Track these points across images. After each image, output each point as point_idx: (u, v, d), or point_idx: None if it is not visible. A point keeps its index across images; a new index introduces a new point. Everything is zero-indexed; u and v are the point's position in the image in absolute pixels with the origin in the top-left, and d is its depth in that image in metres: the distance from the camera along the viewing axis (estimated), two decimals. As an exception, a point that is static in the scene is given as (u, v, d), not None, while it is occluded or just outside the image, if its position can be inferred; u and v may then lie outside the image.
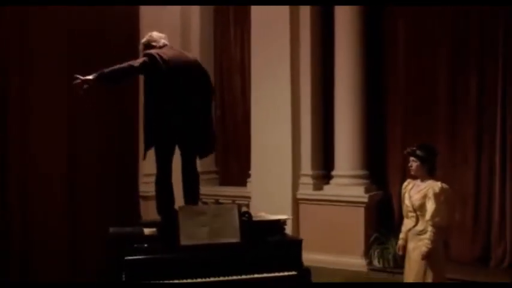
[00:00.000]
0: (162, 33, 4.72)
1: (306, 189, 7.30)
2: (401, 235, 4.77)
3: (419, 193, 4.58)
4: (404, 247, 4.73)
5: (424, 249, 4.45)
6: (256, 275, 4.04)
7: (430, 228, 4.46)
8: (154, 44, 4.50)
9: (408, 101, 7.18)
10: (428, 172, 4.62)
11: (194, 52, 7.93)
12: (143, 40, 4.60)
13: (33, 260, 5.88)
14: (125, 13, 6.98)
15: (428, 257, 4.46)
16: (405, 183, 4.81)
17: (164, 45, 4.51)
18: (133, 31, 6.67)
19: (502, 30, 6.62)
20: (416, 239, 4.57)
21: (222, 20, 8.58)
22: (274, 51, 7.30)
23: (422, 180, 4.64)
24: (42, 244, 5.95)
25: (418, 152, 4.61)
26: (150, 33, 4.61)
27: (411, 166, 4.67)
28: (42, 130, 5.84)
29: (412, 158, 4.64)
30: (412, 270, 4.61)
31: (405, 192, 4.75)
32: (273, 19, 7.33)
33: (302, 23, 7.37)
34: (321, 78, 7.47)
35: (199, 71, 4.55)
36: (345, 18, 7.15)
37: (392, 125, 7.31)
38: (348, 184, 7.06)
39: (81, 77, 4.12)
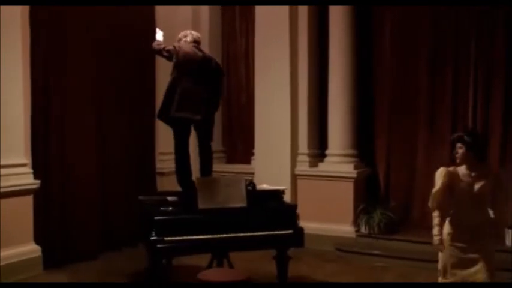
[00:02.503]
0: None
1: (303, 166, 7.64)
2: (436, 231, 4.22)
3: (482, 183, 4.13)
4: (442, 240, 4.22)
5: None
6: (259, 233, 4.68)
7: (503, 216, 4.22)
8: (181, 38, 5.31)
9: (394, 90, 7.55)
10: (479, 159, 4.17)
11: (204, 41, 8.09)
12: (179, 35, 5.40)
13: (70, 228, 6.54)
14: (142, 11, 7.60)
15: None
16: (444, 173, 4.19)
17: (185, 40, 5.25)
18: (150, 26, 7.31)
19: (473, 32, 7.01)
20: (481, 232, 4.14)
21: (229, 14, 8.80)
22: (275, 41, 7.57)
23: (471, 168, 4.16)
24: (78, 213, 6.64)
25: (465, 138, 4.16)
26: (184, 31, 5.42)
27: (457, 153, 4.19)
28: (76, 135, 6.66)
29: (458, 145, 4.18)
30: (483, 268, 4.10)
31: (451, 182, 4.17)
32: (275, 12, 7.57)
33: (300, 16, 7.59)
34: (317, 67, 7.76)
35: (209, 65, 5.23)
36: (338, 13, 7.38)
37: (380, 110, 7.69)
38: (340, 162, 7.42)
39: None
